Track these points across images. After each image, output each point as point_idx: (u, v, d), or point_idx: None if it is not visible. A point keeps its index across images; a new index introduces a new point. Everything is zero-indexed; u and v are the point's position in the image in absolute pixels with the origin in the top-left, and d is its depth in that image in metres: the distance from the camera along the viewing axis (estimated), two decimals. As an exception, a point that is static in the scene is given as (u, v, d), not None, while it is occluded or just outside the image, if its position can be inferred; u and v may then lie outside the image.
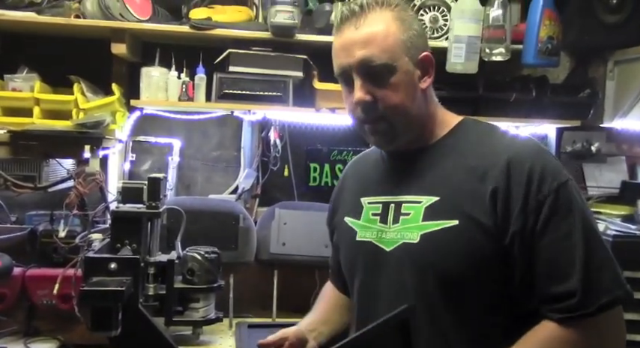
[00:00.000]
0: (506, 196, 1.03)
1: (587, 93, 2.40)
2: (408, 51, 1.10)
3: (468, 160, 1.10)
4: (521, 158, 1.05)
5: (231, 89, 2.17)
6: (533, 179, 1.02)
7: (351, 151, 2.51)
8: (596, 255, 1.01)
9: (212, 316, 1.90)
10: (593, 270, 0.99)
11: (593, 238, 1.02)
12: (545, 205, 1.01)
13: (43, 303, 1.98)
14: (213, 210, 2.24)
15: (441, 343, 1.08)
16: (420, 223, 1.10)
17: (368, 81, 1.09)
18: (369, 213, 1.21)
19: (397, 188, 1.17)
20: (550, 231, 1.01)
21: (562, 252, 1.00)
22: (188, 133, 2.48)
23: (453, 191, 1.09)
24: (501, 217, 1.03)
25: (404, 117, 1.11)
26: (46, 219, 2.07)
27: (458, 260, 1.05)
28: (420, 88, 1.13)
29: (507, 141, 1.11)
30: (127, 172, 2.40)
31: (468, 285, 1.06)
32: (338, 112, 2.25)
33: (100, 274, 1.53)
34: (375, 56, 1.07)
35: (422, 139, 1.17)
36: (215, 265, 1.88)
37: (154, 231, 1.78)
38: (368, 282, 1.19)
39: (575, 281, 0.99)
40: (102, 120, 1.97)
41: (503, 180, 1.04)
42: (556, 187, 1.02)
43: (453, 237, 1.06)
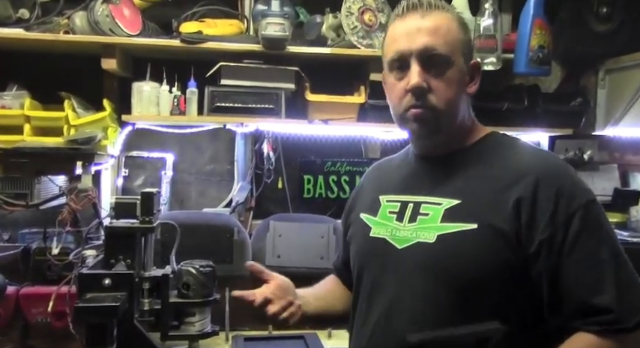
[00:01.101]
0: (532, 207, 1.03)
1: (579, 101, 2.41)
2: (463, 52, 1.14)
3: (492, 169, 1.11)
4: (550, 175, 1.06)
5: (223, 102, 2.17)
6: (563, 195, 1.03)
7: (345, 162, 2.51)
8: (625, 272, 1.02)
9: (208, 329, 1.87)
10: (623, 286, 1.00)
11: (620, 257, 1.03)
12: (575, 219, 1.01)
13: (37, 321, 1.97)
14: (208, 224, 2.23)
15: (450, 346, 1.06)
16: (437, 224, 1.10)
17: (426, 69, 1.10)
18: (387, 210, 1.21)
19: (418, 189, 1.18)
20: (580, 245, 1.01)
21: (592, 267, 1.01)
22: (181, 147, 2.48)
23: (474, 197, 1.09)
24: (526, 226, 1.03)
25: (450, 113, 1.13)
26: (39, 237, 2.05)
27: (473, 264, 1.05)
28: (466, 92, 1.16)
29: (536, 157, 1.12)
30: (120, 187, 2.39)
31: (479, 290, 1.04)
32: (331, 123, 2.25)
33: (94, 290, 1.52)
34: (439, 46, 1.10)
35: (453, 144, 1.18)
36: (210, 278, 1.85)
37: (148, 246, 1.76)
38: (377, 279, 1.18)
39: (609, 297, 0.99)
40: (93, 136, 1.96)
41: (530, 192, 1.04)
42: (585, 202, 1.03)
43: (470, 240, 1.05)
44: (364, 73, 2.29)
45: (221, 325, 2.04)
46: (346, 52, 2.21)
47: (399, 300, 1.13)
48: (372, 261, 1.20)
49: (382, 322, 1.16)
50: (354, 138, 2.54)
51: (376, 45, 2.21)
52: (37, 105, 2.08)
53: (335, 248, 2.31)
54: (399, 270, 1.13)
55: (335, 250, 2.30)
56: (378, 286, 1.18)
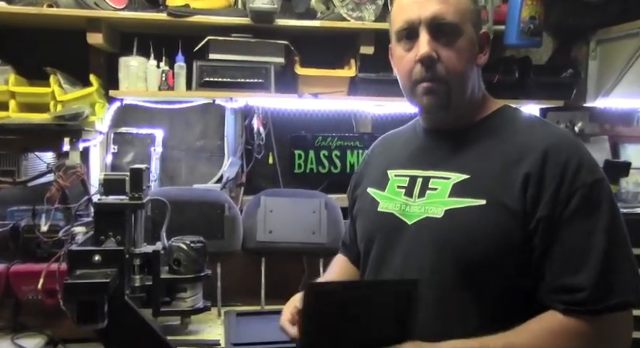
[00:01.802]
0: (539, 182, 1.01)
1: (570, 73, 2.40)
2: (473, 21, 1.11)
3: (503, 144, 1.09)
4: (559, 149, 1.03)
5: (211, 77, 2.15)
6: (569, 170, 1.01)
7: (336, 137, 2.50)
8: (615, 256, 0.99)
9: (200, 305, 1.89)
10: (608, 270, 0.98)
11: (617, 240, 1.00)
12: (576, 196, 1.00)
13: (28, 299, 1.96)
14: (198, 200, 2.22)
15: (449, 321, 1.06)
16: (445, 198, 1.09)
17: (435, 39, 1.08)
18: (395, 185, 1.20)
19: (427, 163, 1.16)
20: (575, 223, 1.00)
21: (581, 246, 0.99)
22: (170, 123, 2.46)
23: (484, 171, 1.07)
24: (530, 203, 1.01)
25: (461, 85, 1.10)
26: (28, 214, 2.03)
27: (479, 240, 1.03)
28: (476, 63, 1.13)
29: (546, 131, 1.09)
30: (109, 164, 2.37)
31: (485, 266, 1.03)
32: (321, 97, 2.23)
33: (84, 267, 1.52)
34: (450, 14, 1.07)
35: (463, 118, 1.15)
36: (201, 254, 1.86)
37: (138, 222, 1.76)
38: (384, 253, 1.18)
39: (587, 277, 0.98)
40: (80, 112, 1.93)
41: (538, 167, 1.02)
42: (590, 181, 1.01)
43: (478, 216, 1.04)
44: (354, 47, 2.27)
45: (213, 300, 2.05)
46: (336, 24, 2.18)
47: (403, 274, 1.13)
48: (380, 236, 1.20)
49: None
50: (344, 112, 2.52)
51: (366, 17, 2.18)
52: (23, 81, 2.05)
53: (327, 223, 2.31)
54: (407, 245, 1.12)
55: (327, 225, 2.31)
56: (385, 260, 1.18)
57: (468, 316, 1.05)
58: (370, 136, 2.53)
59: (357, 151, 2.51)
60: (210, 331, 1.96)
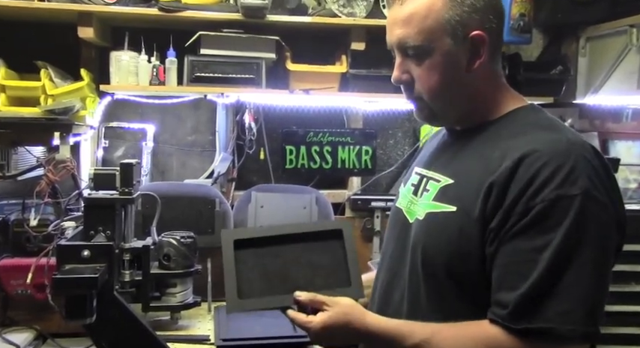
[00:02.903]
0: (502, 193, 0.96)
1: (560, 70, 2.42)
2: (451, 30, 1.03)
3: (493, 150, 1.03)
4: (535, 157, 0.95)
5: (202, 72, 2.14)
6: (535, 182, 0.93)
7: (327, 133, 2.50)
8: (562, 281, 0.90)
9: (190, 300, 1.90)
10: (543, 292, 0.91)
11: (573, 266, 0.91)
12: (532, 212, 0.93)
13: (17, 293, 1.96)
14: (189, 195, 2.22)
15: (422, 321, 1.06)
16: (430, 201, 1.09)
17: (407, 60, 1.08)
18: (410, 183, 1.21)
19: (433, 164, 1.17)
20: (524, 238, 0.93)
21: (523, 263, 0.93)
22: (162, 118, 2.45)
23: (465, 178, 1.05)
24: (489, 213, 0.97)
25: (439, 100, 1.08)
26: (17, 208, 2.03)
27: (444, 246, 1.03)
28: (464, 70, 1.05)
29: (537, 137, 0.99)
30: (100, 158, 2.36)
31: (448, 273, 1.02)
32: (312, 93, 2.23)
33: (73, 261, 1.52)
34: (411, 38, 1.04)
35: (472, 119, 1.11)
36: (191, 249, 1.87)
37: (128, 217, 1.76)
38: (387, 248, 1.22)
39: (516, 294, 0.92)
40: (71, 106, 1.92)
41: (505, 175, 0.96)
42: (554, 197, 0.92)
43: (445, 222, 1.04)
44: (345, 43, 2.27)
45: (203, 295, 2.05)
46: (327, 20, 2.18)
47: (397, 273, 1.16)
48: (390, 231, 1.23)
49: (383, 294, 1.19)
50: (336, 108, 2.53)
51: (357, 13, 2.18)
52: (13, 74, 2.04)
53: (317, 218, 2.32)
54: (403, 243, 1.14)
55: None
56: (386, 255, 1.21)
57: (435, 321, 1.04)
58: (361, 132, 2.54)
59: (349, 146, 2.51)
60: (201, 326, 1.96)
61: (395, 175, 2.65)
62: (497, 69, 1.11)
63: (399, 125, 2.67)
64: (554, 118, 1.08)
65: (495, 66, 1.10)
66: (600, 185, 0.95)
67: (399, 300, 1.13)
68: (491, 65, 1.08)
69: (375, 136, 2.55)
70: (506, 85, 1.12)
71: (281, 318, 1.93)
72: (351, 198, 2.52)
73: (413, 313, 1.09)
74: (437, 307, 1.05)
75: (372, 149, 2.53)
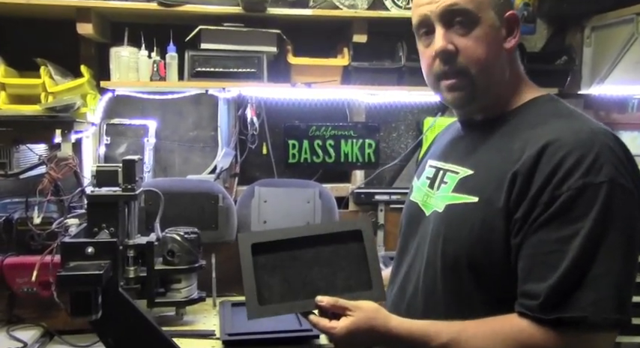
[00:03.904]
0: (526, 182, 0.95)
1: (564, 60, 2.40)
2: (495, 5, 1.04)
3: (513, 141, 1.01)
4: (559, 146, 0.94)
5: (203, 67, 2.13)
6: (560, 171, 0.92)
7: (330, 127, 2.49)
8: (592, 271, 0.89)
9: (195, 296, 1.89)
10: (574, 282, 0.90)
11: (602, 254, 0.89)
12: (559, 201, 0.91)
13: (23, 291, 1.96)
14: (192, 191, 2.22)
15: (437, 314, 1.06)
16: (449, 193, 1.08)
17: (451, 30, 1.04)
18: (425, 176, 1.20)
19: (450, 156, 1.15)
20: (551, 228, 0.92)
21: (553, 253, 0.92)
22: (163, 114, 2.44)
23: (485, 168, 1.04)
24: (514, 202, 0.96)
25: (485, 74, 1.05)
26: (21, 206, 2.03)
27: (466, 237, 1.01)
28: (504, 48, 1.06)
29: (558, 126, 0.98)
30: (103, 155, 2.35)
31: (470, 264, 1.01)
32: (314, 86, 2.22)
33: (77, 259, 1.51)
34: (466, 2, 1.02)
35: (492, 108, 1.09)
36: (195, 245, 1.86)
37: (131, 214, 1.75)
38: (404, 242, 1.21)
39: (547, 285, 0.91)
40: (72, 103, 1.92)
41: (529, 165, 0.95)
42: (581, 185, 0.90)
43: (468, 213, 1.02)
44: (347, 35, 2.25)
45: (208, 291, 2.05)
46: (328, 13, 2.16)
47: (411, 267, 1.15)
48: (406, 224, 1.22)
49: (401, 287, 1.19)
50: (338, 102, 2.51)
51: (359, 5, 2.16)
52: (13, 72, 2.03)
53: (321, 213, 2.31)
54: (421, 236, 1.13)
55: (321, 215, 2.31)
56: (404, 250, 1.20)
57: (455, 312, 1.03)
58: (364, 125, 2.52)
59: (351, 140, 2.50)
60: (206, 321, 1.96)
61: (398, 168, 2.64)
62: (517, 56, 1.11)
63: (402, 118, 2.66)
64: (572, 108, 1.06)
65: (516, 53, 1.10)
66: (625, 173, 0.93)
67: (413, 293, 1.12)
68: (515, 51, 1.09)
69: (377, 130, 2.54)
70: (524, 74, 1.12)
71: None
72: (355, 192, 2.51)
73: (428, 307, 1.08)
74: (454, 299, 1.04)
75: (375, 142, 2.52)
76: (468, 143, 1.13)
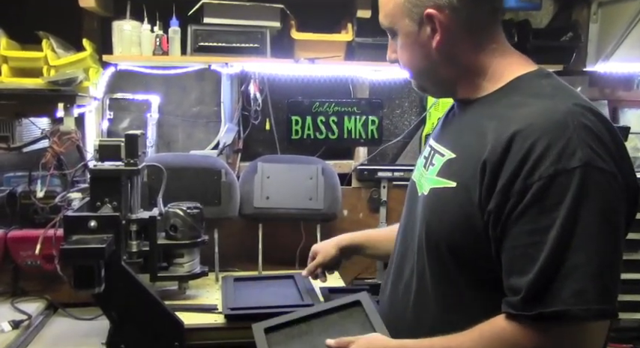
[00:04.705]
0: (495, 172, 0.93)
1: (570, 36, 2.37)
2: (408, 12, 1.05)
3: (490, 120, 0.99)
4: (529, 132, 0.91)
5: (206, 42, 2.12)
6: (530, 159, 0.89)
7: (333, 103, 2.48)
8: (571, 260, 0.86)
9: (197, 270, 1.91)
10: (553, 274, 0.87)
11: (580, 243, 0.87)
12: (531, 190, 0.89)
13: (27, 264, 1.98)
14: (195, 166, 2.22)
15: (425, 299, 1.08)
16: (434, 176, 1.08)
17: (392, 40, 1.14)
18: (423, 155, 1.20)
19: (441, 136, 1.15)
20: (526, 219, 0.90)
21: (530, 245, 0.89)
22: (166, 89, 2.43)
23: (464, 152, 1.03)
24: (485, 193, 0.94)
25: (418, 76, 1.13)
26: (24, 180, 2.03)
27: (446, 223, 1.02)
28: (432, 47, 1.04)
29: (532, 108, 0.95)
30: (106, 130, 2.35)
31: (452, 250, 1.01)
32: (318, 62, 2.21)
33: (80, 232, 1.53)
34: (383, 20, 1.11)
35: (470, 92, 1.08)
36: (198, 220, 1.87)
37: (134, 188, 1.76)
38: (404, 218, 1.23)
39: (526, 279, 0.89)
40: (74, 77, 1.91)
41: (498, 153, 0.92)
42: (552, 172, 0.87)
43: (447, 199, 1.02)
44: (351, 10, 2.23)
45: (210, 266, 2.07)
46: (332, -13, 2.14)
47: (407, 248, 1.16)
48: (406, 201, 1.23)
49: (397, 268, 1.20)
50: (341, 78, 2.50)
51: (363, -20, 2.14)
52: (15, 45, 2.02)
53: (324, 189, 2.31)
54: (415, 216, 1.14)
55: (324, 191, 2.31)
56: (404, 228, 1.21)
57: (440, 299, 1.05)
58: (367, 101, 2.51)
59: (355, 116, 2.49)
60: (208, 296, 1.98)
61: (402, 145, 2.64)
62: (484, 40, 1.06)
63: (405, 95, 2.64)
64: (560, 84, 1.02)
65: (479, 38, 1.05)
66: (605, 154, 0.89)
67: (410, 274, 1.13)
68: (473, 38, 1.05)
69: (381, 106, 2.53)
70: (507, 52, 1.08)
71: (287, 287, 1.94)
72: (358, 168, 2.51)
73: (419, 288, 1.09)
74: (440, 281, 1.05)
75: (378, 119, 2.51)
76: (456, 124, 1.13)
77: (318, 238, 2.29)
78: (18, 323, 1.82)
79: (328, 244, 1.55)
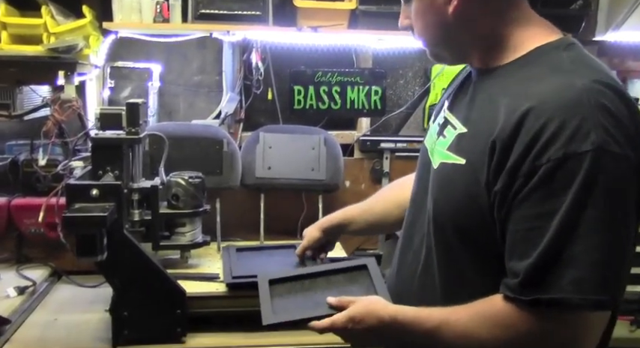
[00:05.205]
0: (504, 152, 0.89)
1: (579, 4, 2.32)
2: None
3: (504, 98, 0.94)
4: (541, 111, 0.86)
5: (207, 9, 2.08)
6: (540, 140, 0.85)
7: (336, 73, 2.45)
8: (572, 248, 0.84)
9: (199, 240, 1.92)
10: (553, 260, 0.85)
11: (584, 230, 0.84)
12: (539, 173, 0.85)
13: (31, 232, 2.00)
14: (197, 135, 2.21)
15: (431, 270, 1.07)
16: (444, 150, 1.04)
17: (405, 6, 1.09)
18: (437, 121, 1.14)
19: (455, 105, 1.10)
20: (531, 202, 0.87)
21: (532, 230, 0.87)
22: (167, 58, 2.41)
23: (475, 128, 0.99)
24: (492, 173, 0.91)
25: (432, 43, 1.07)
26: (26, 148, 2.04)
27: (452, 200, 1.00)
28: (448, 13, 0.99)
29: (554, 84, 0.89)
30: (107, 99, 2.34)
31: (453, 227, 1.00)
32: (321, 30, 2.17)
33: (82, 200, 1.53)
34: None
35: (485, 61, 1.03)
36: (199, 189, 1.87)
37: (135, 157, 1.76)
38: (416, 186, 1.19)
39: (527, 263, 0.87)
40: (74, 44, 1.89)
41: (508, 132, 0.89)
42: (561, 155, 0.84)
43: (455, 176, 1.00)
44: (356, -23, 2.19)
45: (213, 235, 2.07)
46: (336, -47, 2.09)
47: (417, 217, 1.14)
48: (417, 170, 1.21)
49: (406, 237, 1.19)
50: (345, 47, 2.46)
51: (368, -54, 2.09)
52: (14, 11, 1.99)
53: (326, 159, 2.30)
54: (425, 188, 1.11)
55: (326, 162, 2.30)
56: (415, 196, 1.19)
57: (446, 276, 1.04)
58: (371, 71, 2.48)
59: (358, 87, 2.46)
60: (210, 265, 1.99)
61: (405, 116, 2.62)
62: (504, 5, 1.00)
63: (409, 65, 2.61)
64: (581, 57, 0.96)
65: (499, 3, 1.00)
66: (622, 136, 0.85)
67: (419, 244, 1.11)
68: (493, 3, 1.00)
69: (384, 76, 2.50)
70: (529, 19, 1.02)
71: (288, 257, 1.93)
72: (360, 139, 2.50)
73: (428, 261, 1.08)
74: (443, 256, 1.04)
75: (381, 89, 2.48)
76: (471, 94, 1.06)
77: (320, 208, 2.30)
78: (23, 289, 1.84)
79: (313, 227, 1.53)
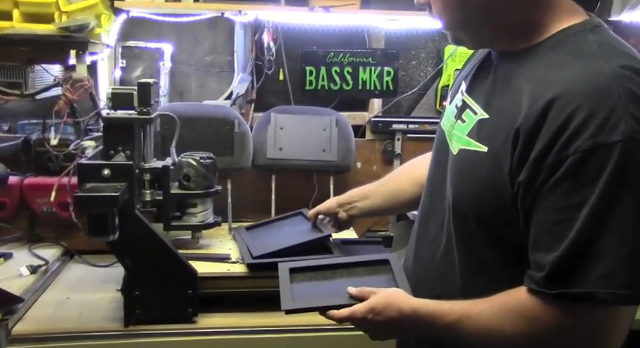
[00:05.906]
0: (528, 142, 0.86)
1: (596, -15, 2.28)
2: None
3: (528, 84, 0.90)
4: (568, 99, 0.82)
5: (219, -12, 2.07)
6: (567, 130, 0.81)
7: (348, 53, 2.43)
8: (601, 242, 0.81)
9: (210, 220, 1.92)
10: (581, 254, 0.82)
11: (614, 224, 0.81)
12: (566, 164, 0.82)
13: (43, 211, 2.01)
14: (208, 116, 2.20)
15: (451, 257, 1.04)
16: (464, 136, 1.00)
17: None
18: (455, 103, 1.10)
19: (474, 88, 1.05)
20: (558, 194, 0.84)
21: (559, 222, 0.84)
22: (179, 38, 2.39)
23: (498, 115, 0.94)
24: (516, 162, 0.88)
25: (452, 25, 1.00)
26: (38, 128, 2.04)
27: (473, 188, 0.96)
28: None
29: (581, 70, 0.85)
30: (118, 78, 2.33)
31: (476, 218, 0.97)
32: (333, 10, 2.15)
33: (94, 180, 1.53)
34: None
35: (510, 43, 0.97)
36: (211, 170, 1.87)
37: (147, 137, 1.76)
38: (432, 170, 1.16)
39: (552, 256, 0.84)
40: (86, 23, 1.88)
41: (533, 121, 0.85)
42: (590, 146, 0.80)
43: (476, 164, 0.96)
44: (369, -44, 2.16)
45: (224, 216, 2.08)
46: None
47: (433, 202, 1.12)
48: (434, 153, 1.17)
49: (423, 222, 1.17)
50: (357, 28, 2.44)
51: None
52: (25, -10, 1.99)
53: (337, 141, 2.30)
54: (444, 172, 1.08)
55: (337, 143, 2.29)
56: (429, 181, 1.17)
57: (466, 265, 1.02)
58: (383, 52, 2.46)
59: (370, 67, 2.44)
60: (222, 245, 2.00)
61: (417, 97, 2.60)
62: None
63: (422, 45, 2.58)
64: (608, 40, 0.90)
65: None
66: None
67: (438, 229, 1.08)
68: None
69: (397, 57, 2.47)
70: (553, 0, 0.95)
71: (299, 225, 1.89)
72: (372, 120, 2.49)
73: (448, 247, 1.06)
74: (463, 243, 1.02)
75: (393, 70, 2.46)
76: (493, 78, 1.00)
77: (331, 189, 2.29)
78: (36, 268, 1.86)
79: (330, 199, 1.60)
